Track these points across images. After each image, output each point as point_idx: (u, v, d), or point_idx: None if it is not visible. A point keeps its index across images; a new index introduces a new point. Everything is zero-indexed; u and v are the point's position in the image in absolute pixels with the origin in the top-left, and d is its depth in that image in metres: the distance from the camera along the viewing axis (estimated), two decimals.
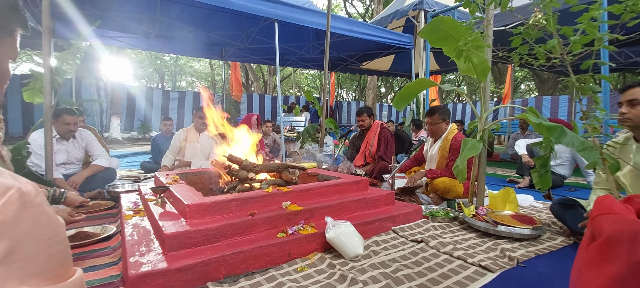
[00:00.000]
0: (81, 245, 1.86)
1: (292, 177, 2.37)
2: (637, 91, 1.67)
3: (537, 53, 1.40)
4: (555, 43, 1.30)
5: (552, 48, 1.31)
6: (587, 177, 3.69)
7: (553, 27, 1.31)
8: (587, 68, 1.29)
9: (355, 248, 1.71)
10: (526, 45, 1.45)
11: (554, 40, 1.30)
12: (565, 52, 1.32)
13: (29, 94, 2.92)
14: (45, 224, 0.44)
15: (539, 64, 1.44)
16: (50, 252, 0.44)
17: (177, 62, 21.73)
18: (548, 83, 13.82)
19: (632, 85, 1.70)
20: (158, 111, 11.59)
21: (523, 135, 5.93)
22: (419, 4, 6.43)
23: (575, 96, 1.40)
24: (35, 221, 0.43)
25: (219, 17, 5.84)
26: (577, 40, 1.26)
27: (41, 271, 0.42)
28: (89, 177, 3.07)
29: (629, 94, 1.70)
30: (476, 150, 2.16)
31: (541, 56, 1.39)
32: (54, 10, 4.46)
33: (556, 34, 1.32)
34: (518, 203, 2.48)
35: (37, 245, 0.42)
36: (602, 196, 0.89)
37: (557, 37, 1.32)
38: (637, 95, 1.67)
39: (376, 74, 10.72)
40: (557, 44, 1.31)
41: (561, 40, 1.33)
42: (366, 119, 4.12)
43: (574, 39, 1.27)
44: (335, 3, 19.39)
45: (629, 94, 1.70)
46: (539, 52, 1.39)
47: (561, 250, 1.91)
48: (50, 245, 0.44)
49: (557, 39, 1.31)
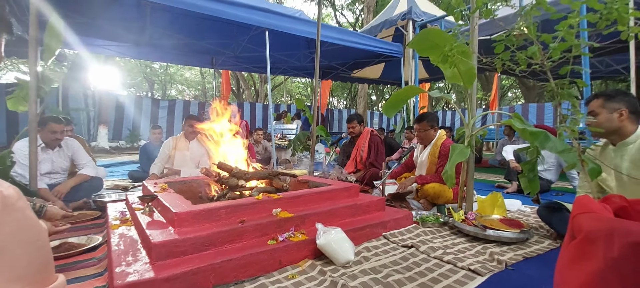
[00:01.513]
0: (65, 256, 1.81)
1: (283, 184, 2.37)
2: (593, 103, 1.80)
3: (519, 59, 1.45)
4: (535, 49, 1.35)
5: (533, 54, 1.37)
6: (572, 181, 3.78)
7: (533, 34, 1.37)
8: (566, 73, 1.35)
9: (346, 255, 1.70)
10: (508, 52, 1.50)
11: (535, 47, 1.35)
12: (545, 58, 1.37)
13: (13, 102, 2.85)
14: (27, 228, 0.43)
15: (521, 70, 1.49)
16: (32, 257, 0.43)
17: (167, 71, 21.58)
18: (534, 91, 14.17)
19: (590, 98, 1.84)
20: (147, 120, 11.44)
21: (510, 141, 6.05)
22: (408, 13, 6.57)
23: (555, 101, 1.46)
24: (18, 225, 0.42)
25: (210, 26, 5.85)
26: (556, 47, 1.32)
27: (23, 276, 0.41)
28: (74, 187, 3.00)
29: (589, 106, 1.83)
30: (464, 155, 2.20)
31: (523, 62, 1.44)
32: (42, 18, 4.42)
33: (536, 41, 1.38)
34: (506, 208, 2.52)
35: (19, 249, 0.42)
36: (580, 196, 0.92)
37: (538, 44, 1.37)
38: (593, 107, 1.80)
39: (367, 82, 10.84)
40: (538, 50, 1.36)
41: (541, 47, 1.39)
42: (356, 125, 4.15)
43: (553, 45, 1.32)
44: (326, 13, 19.65)
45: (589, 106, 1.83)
46: (520, 58, 1.44)
47: (548, 253, 1.94)
48: (32, 249, 0.43)
49: (537, 45, 1.36)
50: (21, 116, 7.66)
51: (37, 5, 2.51)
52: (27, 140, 2.66)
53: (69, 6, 4.39)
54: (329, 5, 19.43)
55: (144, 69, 20.35)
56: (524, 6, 1.44)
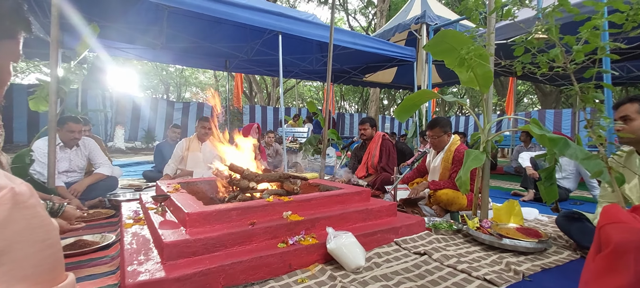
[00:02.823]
0: (79, 254, 1.84)
1: (294, 186, 2.36)
2: (628, 107, 1.70)
3: (540, 62, 1.40)
4: (557, 52, 1.30)
5: (555, 57, 1.31)
6: (593, 190, 3.64)
7: (555, 36, 1.31)
8: (590, 77, 1.29)
9: (357, 260, 1.67)
10: (528, 54, 1.45)
11: (557, 49, 1.30)
12: (567, 60, 1.32)
13: (34, 103, 2.95)
14: (37, 226, 0.43)
15: (542, 73, 1.43)
16: (41, 256, 0.43)
17: (182, 74, 22.01)
18: (551, 96, 13.80)
19: (623, 101, 1.74)
20: (162, 121, 11.69)
21: (526, 147, 5.89)
22: (421, 17, 6.51)
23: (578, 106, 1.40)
24: (28, 223, 0.42)
25: (224, 29, 5.93)
26: (580, 49, 1.26)
27: (31, 275, 0.41)
28: (90, 185, 3.07)
29: (621, 110, 1.73)
30: (479, 161, 2.14)
31: (543, 65, 1.39)
32: (63, 21, 4.57)
33: (558, 42, 1.32)
34: (523, 216, 2.44)
35: (29, 248, 0.41)
36: (608, 205, 0.87)
37: (560, 46, 1.32)
38: (628, 111, 1.69)
39: (379, 86, 10.76)
40: (560, 52, 1.30)
41: (564, 49, 1.33)
42: (368, 128, 4.12)
43: (577, 48, 1.27)
44: (339, 17, 19.70)
45: (621, 110, 1.73)
46: (541, 61, 1.38)
47: (568, 264, 1.86)
48: (42, 248, 0.43)
49: (559, 47, 1.31)
50: (41, 116, 7.90)
51: (58, 8, 2.58)
52: (46, 139, 2.74)
53: (89, 9, 4.52)
54: (342, 10, 19.48)
55: (160, 72, 20.82)
56: (546, 8, 1.39)
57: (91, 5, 4.47)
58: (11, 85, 10.33)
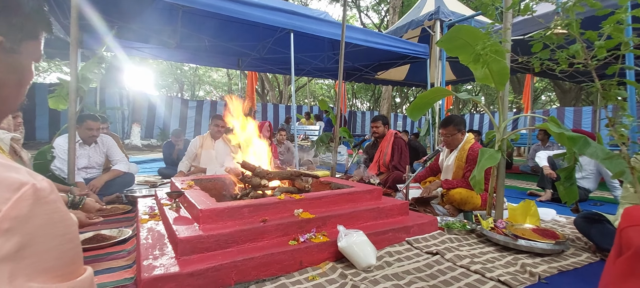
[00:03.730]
0: (97, 248, 1.90)
1: (305, 184, 2.37)
2: None
3: (559, 58, 1.34)
4: (578, 47, 1.24)
5: (575, 53, 1.26)
6: (614, 191, 3.51)
7: (576, 31, 1.26)
8: (613, 74, 1.24)
9: (368, 259, 1.67)
10: (547, 50, 1.39)
11: (577, 45, 1.25)
12: (588, 57, 1.26)
13: (54, 101, 3.05)
14: (58, 221, 0.44)
15: (561, 70, 1.38)
16: (61, 249, 0.44)
17: (196, 72, 22.35)
18: (570, 94, 13.36)
19: None
20: (177, 119, 11.92)
21: (543, 146, 5.73)
22: (435, 13, 6.39)
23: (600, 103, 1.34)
24: (49, 218, 0.43)
25: (236, 28, 5.99)
26: (602, 45, 1.20)
27: (51, 268, 0.42)
28: (108, 182, 3.16)
29: None
30: (494, 160, 2.09)
31: (563, 61, 1.34)
32: (83, 22, 4.70)
33: (579, 38, 1.27)
34: (539, 217, 2.38)
35: (49, 242, 0.43)
36: (630, 207, 0.84)
37: (581, 41, 1.26)
38: None
39: (391, 84, 10.67)
40: (581, 48, 1.25)
41: (584, 45, 1.28)
42: (381, 126, 4.08)
43: (599, 43, 1.21)
44: (351, 14, 19.56)
45: None
46: (560, 57, 1.33)
47: (587, 267, 1.81)
48: (62, 242, 0.44)
49: (580, 43, 1.25)
50: (62, 114, 8.18)
51: (78, 9, 2.66)
52: (66, 137, 2.83)
53: (107, 10, 4.64)
54: (354, 7, 19.34)
55: (175, 71, 21.20)
56: (566, 2, 1.34)
57: (108, 5, 4.59)
58: (33, 85, 10.72)
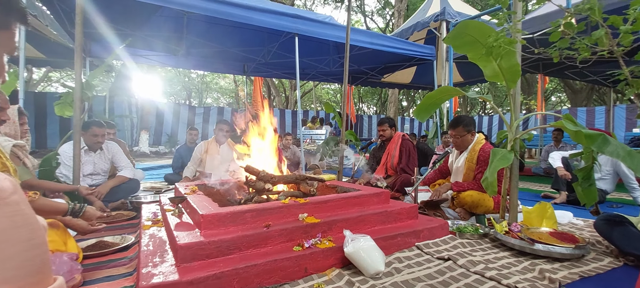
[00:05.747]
0: (99, 255, 1.86)
1: (310, 188, 2.30)
2: None
3: (580, 47, 1.26)
4: (601, 33, 1.16)
5: (598, 40, 1.17)
6: (633, 192, 3.36)
7: (599, 16, 1.17)
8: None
9: (376, 265, 1.59)
10: (566, 39, 1.30)
11: (601, 31, 1.16)
12: (614, 43, 1.17)
13: (60, 108, 3.07)
14: (20, 225, 0.39)
15: (581, 59, 1.29)
16: (25, 257, 0.39)
17: (203, 79, 22.59)
18: (581, 94, 13.07)
19: None
20: (184, 126, 12.02)
21: (557, 147, 5.57)
22: (441, 14, 6.33)
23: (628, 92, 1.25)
24: (10, 221, 0.38)
25: (241, 33, 6.01)
26: (629, 29, 1.12)
27: (12, 277, 0.37)
28: (113, 188, 3.15)
29: None
30: (507, 161, 2.00)
31: (584, 50, 1.25)
32: (91, 30, 4.77)
33: (602, 23, 1.18)
34: (556, 220, 2.27)
35: (10, 248, 0.38)
36: None
37: (605, 27, 1.17)
38: None
39: (397, 87, 10.57)
40: (605, 34, 1.16)
41: (609, 31, 1.19)
42: (387, 129, 4.01)
43: (624, 28, 1.12)
44: (356, 19, 19.58)
45: None
46: (581, 45, 1.24)
47: (610, 272, 1.70)
48: (25, 248, 0.39)
49: (604, 28, 1.16)
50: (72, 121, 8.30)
51: (82, 13, 2.67)
52: (72, 143, 2.83)
53: (114, 18, 4.69)
54: (359, 12, 19.36)
55: (183, 79, 21.46)
56: None
57: (116, 14, 4.64)
58: (44, 94, 10.95)
